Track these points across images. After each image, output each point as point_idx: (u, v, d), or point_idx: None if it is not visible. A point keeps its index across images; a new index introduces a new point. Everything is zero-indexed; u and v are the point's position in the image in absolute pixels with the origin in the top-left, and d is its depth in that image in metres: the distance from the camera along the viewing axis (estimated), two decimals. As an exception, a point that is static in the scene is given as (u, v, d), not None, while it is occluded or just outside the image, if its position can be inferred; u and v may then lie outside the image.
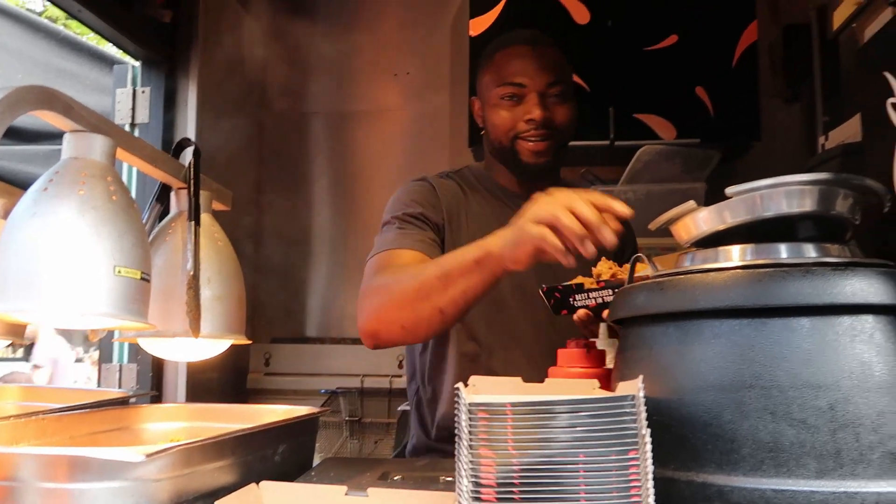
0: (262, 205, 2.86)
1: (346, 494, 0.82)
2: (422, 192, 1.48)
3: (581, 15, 2.37)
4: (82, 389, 1.39)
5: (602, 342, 0.95)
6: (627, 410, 0.56)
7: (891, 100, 0.88)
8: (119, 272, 0.79)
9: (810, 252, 0.71)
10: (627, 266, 0.93)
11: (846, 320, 0.64)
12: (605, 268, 1.12)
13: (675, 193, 2.14)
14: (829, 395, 0.61)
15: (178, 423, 1.16)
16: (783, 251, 0.71)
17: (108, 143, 0.84)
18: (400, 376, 2.48)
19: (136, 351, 2.04)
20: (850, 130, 1.95)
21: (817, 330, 0.64)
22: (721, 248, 0.74)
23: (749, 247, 0.73)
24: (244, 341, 1.06)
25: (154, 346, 1.01)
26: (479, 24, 2.40)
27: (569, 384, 0.80)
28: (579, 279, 1.11)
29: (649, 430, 0.56)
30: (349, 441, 2.12)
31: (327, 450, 2.18)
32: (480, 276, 1.14)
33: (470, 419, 0.58)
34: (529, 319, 1.43)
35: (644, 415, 0.56)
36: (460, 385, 0.63)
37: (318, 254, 2.85)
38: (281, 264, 2.81)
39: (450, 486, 0.81)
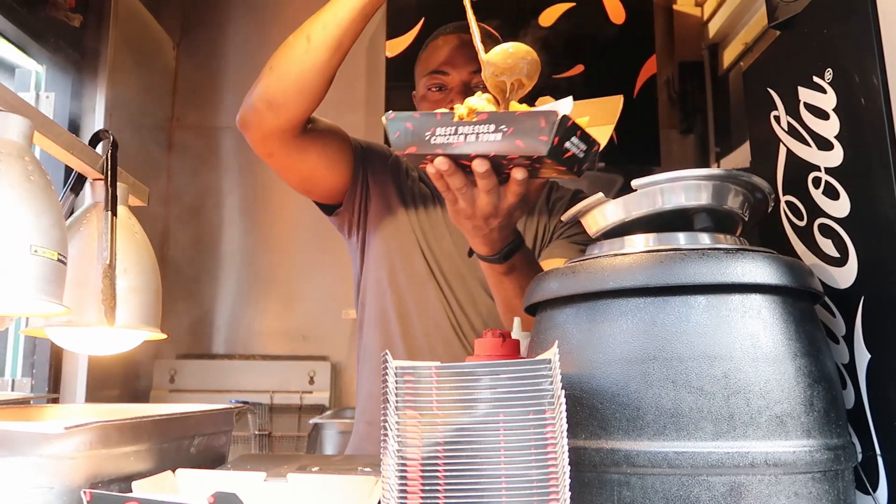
0: (170, 218, 2.79)
1: (265, 481, 0.83)
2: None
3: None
4: (-23, 393, 1.32)
5: (517, 332, 0.99)
6: (544, 373, 0.60)
7: (773, 112, 0.98)
8: (36, 252, 0.77)
9: (705, 240, 0.78)
10: (518, 105, 0.91)
11: (737, 298, 0.70)
12: (488, 101, 0.89)
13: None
14: (723, 364, 0.67)
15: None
16: (682, 239, 0.78)
17: (26, 123, 0.83)
18: (311, 392, 2.47)
19: (30, 365, 1.95)
20: (738, 158, 2.12)
21: (712, 307, 0.70)
22: (626, 238, 0.80)
23: (651, 235, 0.79)
24: (160, 335, 1.05)
25: (65, 338, 0.98)
26: (397, 46, 2.46)
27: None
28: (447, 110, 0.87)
29: (563, 391, 0.60)
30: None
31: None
32: (353, 2, 1.12)
33: (397, 382, 0.60)
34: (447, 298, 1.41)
35: (559, 377, 0.60)
36: (387, 351, 0.65)
37: (226, 268, 2.80)
38: (188, 279, 2.75)
39: (369, 475, 0.83)
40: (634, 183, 0.79)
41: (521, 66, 0.96)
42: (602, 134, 0.99)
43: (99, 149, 1.07)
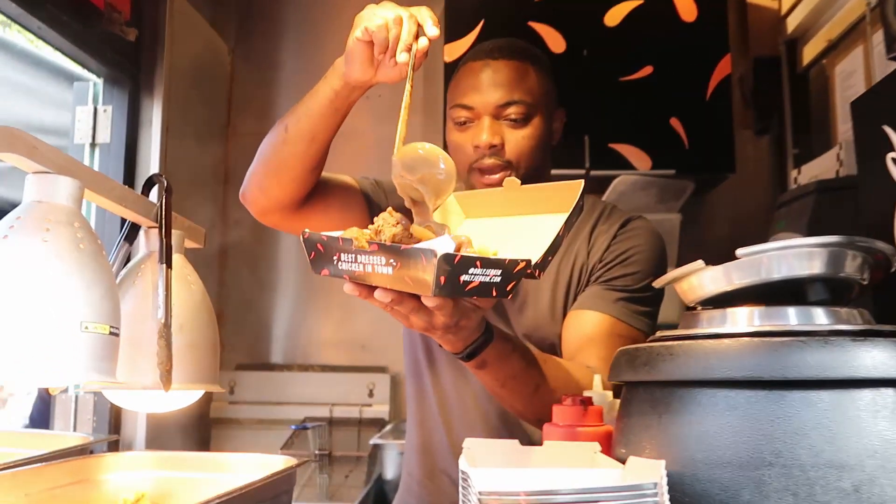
0: (227, 227, 2.78)
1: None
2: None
3: (557, 44, 2.36)
4: (36, 433, 1.30)
5: (599, 398, 0.91)
6: (650, 499, 0.52)
7: (891, 154, 0.87)
8: (87, 328, 0.72)
9: (821, 318, 0.69)
10: (422, 230, 0.84)
11: (867, 394, 0.61)
12: (389, 222, 0.82)
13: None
14: (854, 475, 0.58)
15: (142, 472, 1.09)
16: (792, 316, 0.69)
17: (75, 185, 0.78)
18: (370, 405, 2.42)
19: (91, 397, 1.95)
20: (823, 166, 1.97)
21: (838, 404, 0.61)
22: (728, 311, 0.71)
23: (757, 310, 0.70)
24: (217, 390, 1.00)
25: (120, 398, 0.95)
26: (455, 50, 2.37)
27: (568, 449, 0.76)
28: (355, 233, 0.82)
29: (673, 521, 0.52)
30: (318, 475, 2.06)
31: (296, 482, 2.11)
32: (323, 94, 1.10)
33: (480, 509, 0.53)
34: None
35: (667, 503, 0.52)
36: (464, 461, 0.58)
37: (284, 278, 2.78)
38: (246, 289, 2.73)
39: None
40: (739, 252, 0.70)
41: (429, 173, 0.89)
42: (553, 224, 0.90)
43: (153, 192, 1.02)
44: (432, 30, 0.98)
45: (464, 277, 0.75)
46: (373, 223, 0.83)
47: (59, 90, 2.44)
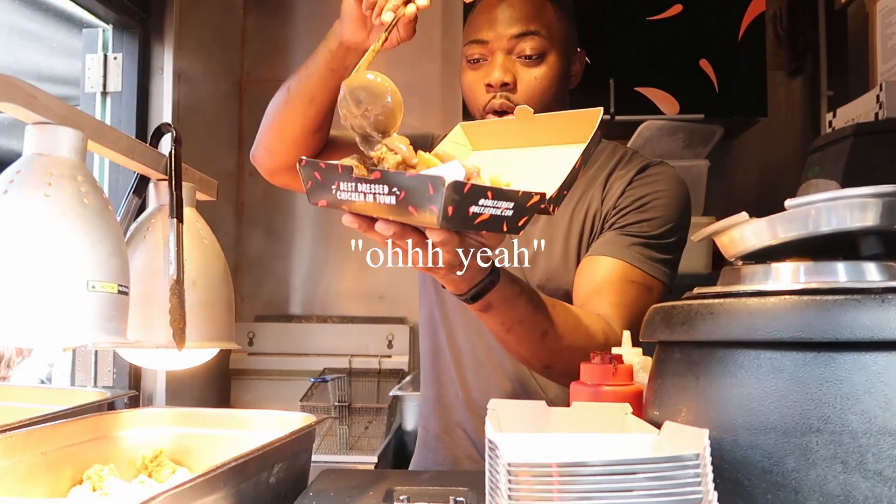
0: (242, 178, 2.74)
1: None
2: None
3: (582, -19, 2.26)
4: (54, 389, 1.29)
5: (629, 355, 0.87)
6: (691, 471, 0.49)
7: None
8: (94, 287, 0.69)
9: (873, 273, 0.63)
10: (424, 154, 0.78)
11: (927, 357, 0.56)
12: (391, 150, 0.77)
13: (677, 170, 2.06)
14: (910, 443, 0.54)
15: (161, 428, 1.08)
16: (842, 272, 0.64)
17: (78, 136, 0.74)
18: (389, 356, 2.41)
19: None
20: (860, 108, 1.89)
21: (894, 367, 0.56)
22: (773, 266, 0.67)
23: (803, 265, 0.65)
24: (233, 347, 0.98)
25: (135, 356, 0.92)
26: (474, -10, 2.28)
27: (598, 410, 0.73)
28: (356, 160, 0.76)
29: (716, 495, 0.48)
30: (338, 426, 2.06)
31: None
32: (321, 55, 1.09)
33: (510, 480, 0.50)
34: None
35: (710, 476, 0.49)
36: (490, 427, 0.55)
37: (301, 229, 2.74)
38: (263, 240, 2.71)
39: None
40: (788, 203, 0.65)
41: (373, 106, 0.80)
42: (568, 155, 0.84)
43: (163, 143, 0.98)
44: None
45: (473, 209, 0.70)
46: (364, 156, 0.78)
47: (68, 37, 2.38)
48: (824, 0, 2.35)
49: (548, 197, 0.77)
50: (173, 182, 0.91)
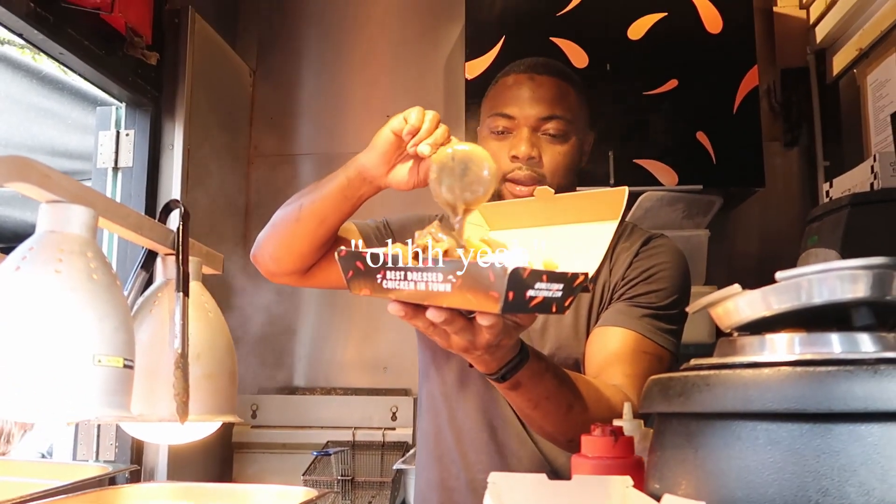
0: (249, 250, 2.76)
1: None
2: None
3: (579, 59, 2.33)
4: (55, 463, 1.29)
5: (630, 427, 0.87)
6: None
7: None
8: (99, 361, 0.70)
9: (867, 344, 0.64)
10: (475, 244, 0.79)
11: (922, 428, 0.57)
12: (434, 237, 0.77)
13: (677, 240, 2.08)
14: (911, 518, 0.54)
15: (161, 503, 1.07)
16: (836, 343, 0.65)
17: (89, 213, 0.77)
18: (393, 429, 2.39)
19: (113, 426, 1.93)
20: (856, 178, 1.92)
21: (889, 439, 0.56)
22: (767, 337, 0.67)
23: (797, 336, 0.66)
24: (235, 420, 0.98)
25: (138, 430, 0.92)
26: (476, 67, 2.36)
27: (599, 483, 0.73)
28: (398, 249, 0.76)
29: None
30: (340, 501, 2.02)
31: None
32: (338, 180, 1.12)
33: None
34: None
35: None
36: (489, 501, 0.55)
37: (306, 301, 2.76)
38: (268, 312, 2.72)
39: None
40: (779, 276, 0.66)
41: (471, 175, 0.83)
42: (603, 232, 0.86)
43: (171, 218, 1.01)
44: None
45: (530, 293, 0.71)
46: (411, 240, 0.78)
47: (83, 115, 2.46)
48: (817, 73, 2.42)
49: (590, 276, 0.79)
50: (180, 257, 0.93)
